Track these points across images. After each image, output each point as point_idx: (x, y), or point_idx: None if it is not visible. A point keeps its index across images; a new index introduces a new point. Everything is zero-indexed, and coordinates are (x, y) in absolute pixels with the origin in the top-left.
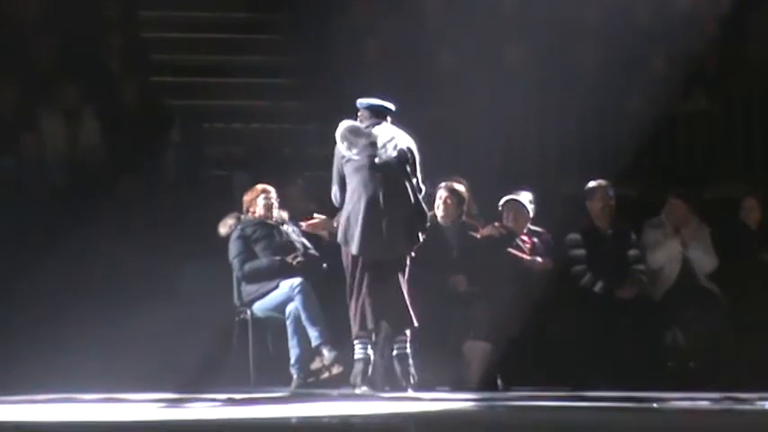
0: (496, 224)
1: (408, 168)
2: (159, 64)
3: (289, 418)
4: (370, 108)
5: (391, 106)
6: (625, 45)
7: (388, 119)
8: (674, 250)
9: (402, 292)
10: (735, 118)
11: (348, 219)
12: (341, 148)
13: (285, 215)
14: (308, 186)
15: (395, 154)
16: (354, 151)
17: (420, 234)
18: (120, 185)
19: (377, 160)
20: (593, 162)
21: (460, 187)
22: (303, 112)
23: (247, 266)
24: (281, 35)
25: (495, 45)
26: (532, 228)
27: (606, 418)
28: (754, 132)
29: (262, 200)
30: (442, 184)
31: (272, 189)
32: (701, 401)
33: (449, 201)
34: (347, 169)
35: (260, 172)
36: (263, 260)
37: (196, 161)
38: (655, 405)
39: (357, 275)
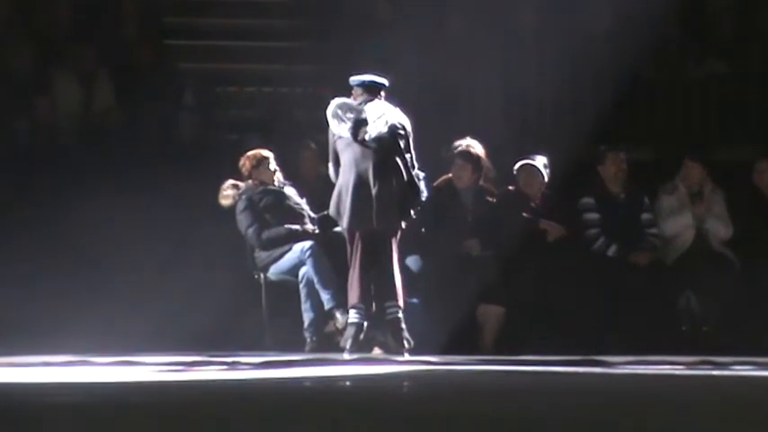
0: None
1: (401, 144)
2: (172, 27)
3: (302, 380)
4: (363, 85)
5: (385, 81)
6: (639, 8)
7: (382, 95)
8: (689, 216)
9: (392, 267)
10: (749, 81)
11: (340, 193)
12: (332, 125)
13: (282, 178)
14: (321, 150)
15: (385, 130)
16: (345, 128)
17: (412, 209)
18: (133, 148)
19: (367, 136)
20: (607, 126)
21: (478, 150)
22: (316, 75)
23: (265, 235)
24: None
25: (509, 8)
26: (546, 192)
27: (619, 382)
28: None
29: (265, 166)
30: (459, 148)
31: (271, 154)
32: (714, 366)
33: (466, 166)
34: (339, 146)
35: (272, 135)
36: (280, 229)
37: (209, 124)
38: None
39: (354, 247)
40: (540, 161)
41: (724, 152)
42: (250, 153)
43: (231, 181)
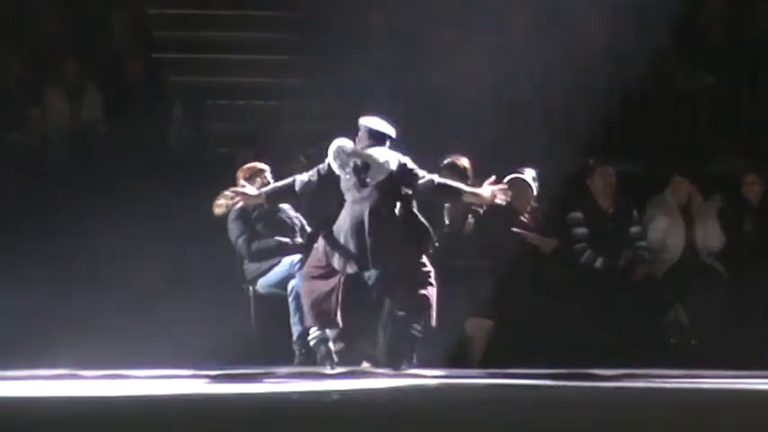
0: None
1: (402, 188)
2: (162, 40)
3: (290, 394)
4: (371, 132)
5: (392, 133)
6: (629, 20)
7: (387, 144)
8: (677, 228)
9: (420, 290)
10: (739, 93)
11: (333, 234)
12: (333, 165)
13: None
14: (311, 163)
15: (384, 176)
16: (345, 171)
17: (429, 246)
18: (122, 161)
19: (368, 180)
20: (597, 138)
21: (464, 162)
22: (306, 88)
23: (255, 246)
24: (283, 11)
25: (500, 20)
26: (535, 205)
27: (607, 395)
28: (758, 107)
29: (259, 178)
30: (445, 161)
31: (267, 167)
32: (702, 379)
33: (453, 177)
34: (340, 184)
35: (262, 149)
36: (270, 241)
37: (198, 138)
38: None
39: (332, 275)
40: (530, 174)
41: (714, 164)
42: (245, 166)
43: (227, 192)
